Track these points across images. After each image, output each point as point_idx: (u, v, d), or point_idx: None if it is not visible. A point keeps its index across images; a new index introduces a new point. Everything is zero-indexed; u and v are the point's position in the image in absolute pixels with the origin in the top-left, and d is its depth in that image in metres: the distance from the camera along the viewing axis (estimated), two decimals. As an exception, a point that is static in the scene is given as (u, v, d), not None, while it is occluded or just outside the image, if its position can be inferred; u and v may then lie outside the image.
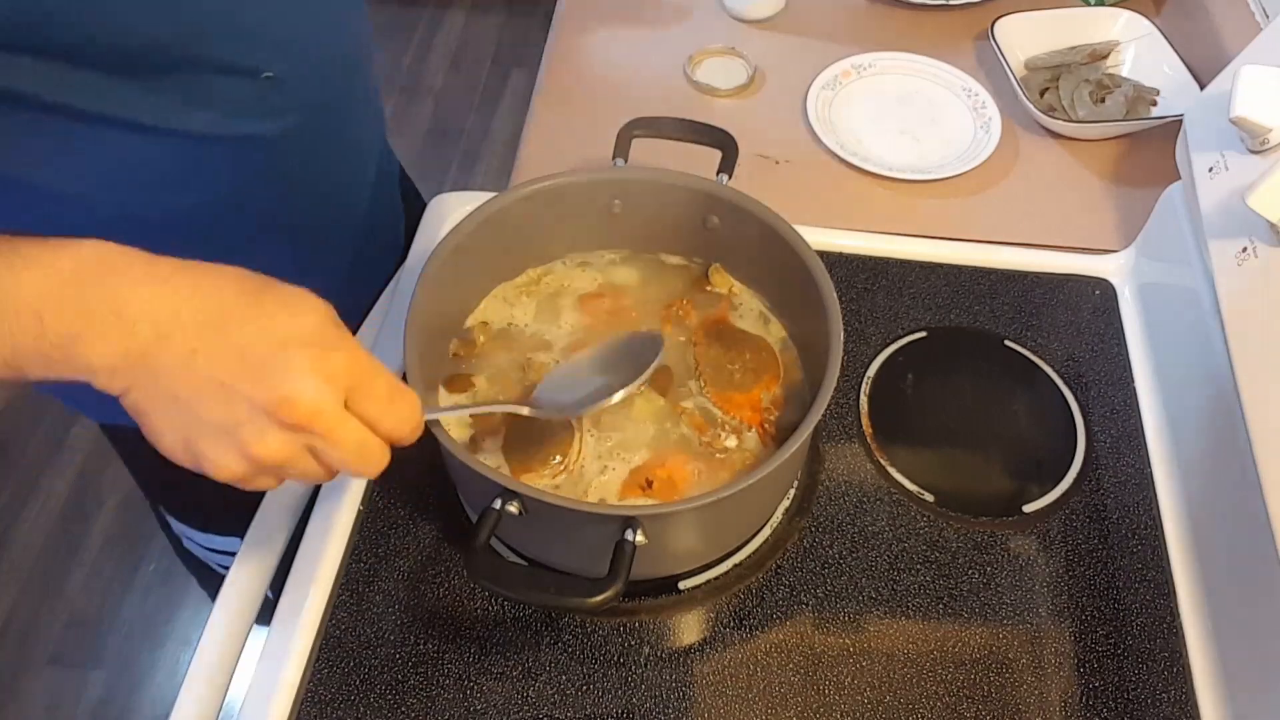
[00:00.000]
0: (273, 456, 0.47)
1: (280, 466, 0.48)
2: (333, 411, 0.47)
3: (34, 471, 1.81)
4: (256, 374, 0.46)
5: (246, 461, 0.47)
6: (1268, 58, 0.65)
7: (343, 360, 0.48)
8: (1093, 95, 0.96)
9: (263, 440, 0.46)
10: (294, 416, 0.46)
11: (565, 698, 0.60)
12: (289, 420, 0.46)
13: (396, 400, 0.51)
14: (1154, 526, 0.69)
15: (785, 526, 0.68)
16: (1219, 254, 0.64)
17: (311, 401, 0.46)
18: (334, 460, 0.49)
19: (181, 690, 0.61)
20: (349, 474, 0.51)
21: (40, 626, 1.63)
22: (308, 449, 0.48)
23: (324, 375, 0.47)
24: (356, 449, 0.49)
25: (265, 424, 0.46)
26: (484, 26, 2.67)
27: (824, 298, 0.63)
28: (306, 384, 0.46)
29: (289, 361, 0.46)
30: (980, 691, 0.61)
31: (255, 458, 0.47)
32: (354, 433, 0.49)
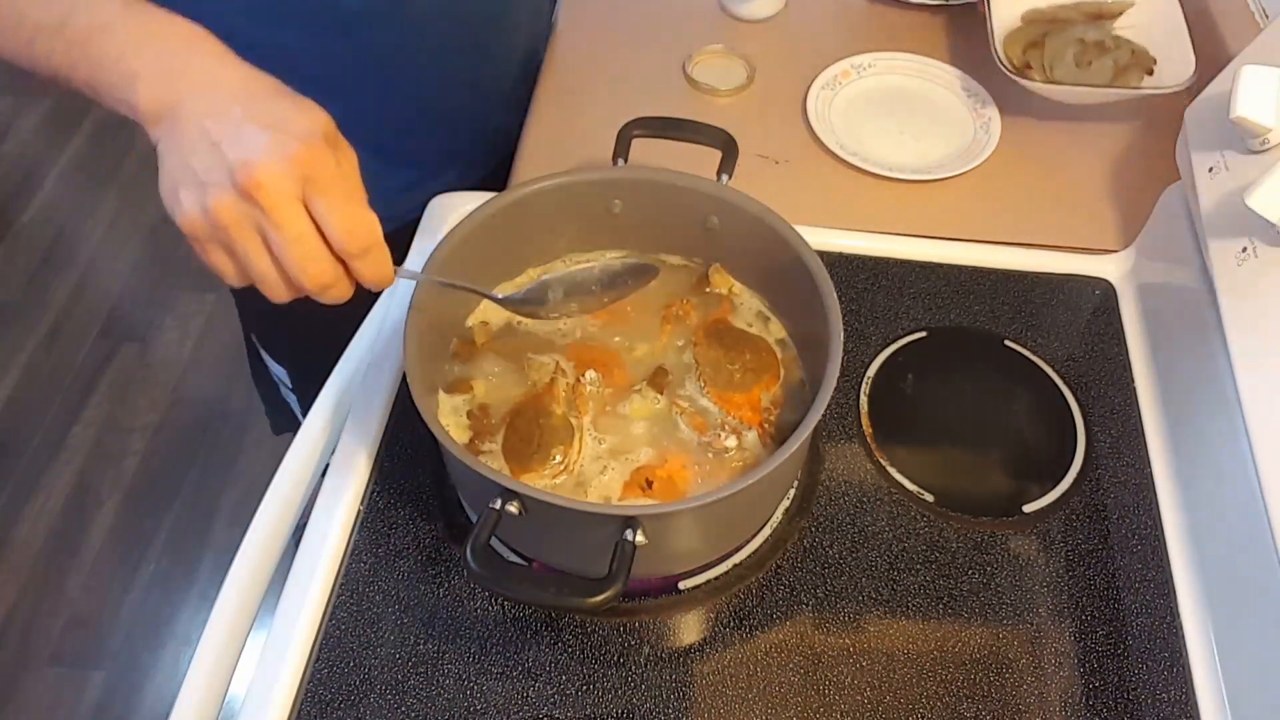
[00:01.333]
0: (223, 214, 0.50)
1: (227, 230, 0.51)
2: (281, 190, 0.50)
3: (34, 471, 1.81)
4: (237, 139, 0.50)
5: (202, 213, 0.51)
6: (1268, 58, 0.65)
7: (312, 155, 0.51)
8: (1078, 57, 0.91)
9: (220, 195, 0.50)
10: (245, 181, 0.49)
11: (565, 698, 0.60)
12: (241, 184, 0.50)
13: (350, 208, 0.53)
14: (1154, 526, 0.69)
15: (785, 526, 0.68)
16: (1219, 254, 0.64)
17: (265, 172, 0.50)
18: (276, 248, 0.51)
19: (181, 690, 0.61)
20: (294, 277, 0.52)
21: (40, 626, 1.63)
22: (256, 227, 0.51)
23: (287, 156, 0.50)
24: (296, 239, 0.51)
25: (226, 184, 0.50)
26: (484, 26, 2.67)
27: (824, 298, 0.63)
28: (264, 157, 0.50)
29: (267, 138, 0.51)
30: (980, 691, 0.61)
31: (209, 210, 0.50)
32: (297, 221, 0.51)
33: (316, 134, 0.52)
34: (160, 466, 1.82)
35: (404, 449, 0.71)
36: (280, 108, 0.53)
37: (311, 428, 0.72)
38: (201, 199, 0.51)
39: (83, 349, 1.98)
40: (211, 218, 0.51)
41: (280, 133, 0.51)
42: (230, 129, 0.51)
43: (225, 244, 0.52)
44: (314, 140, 0.52)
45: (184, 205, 0.51)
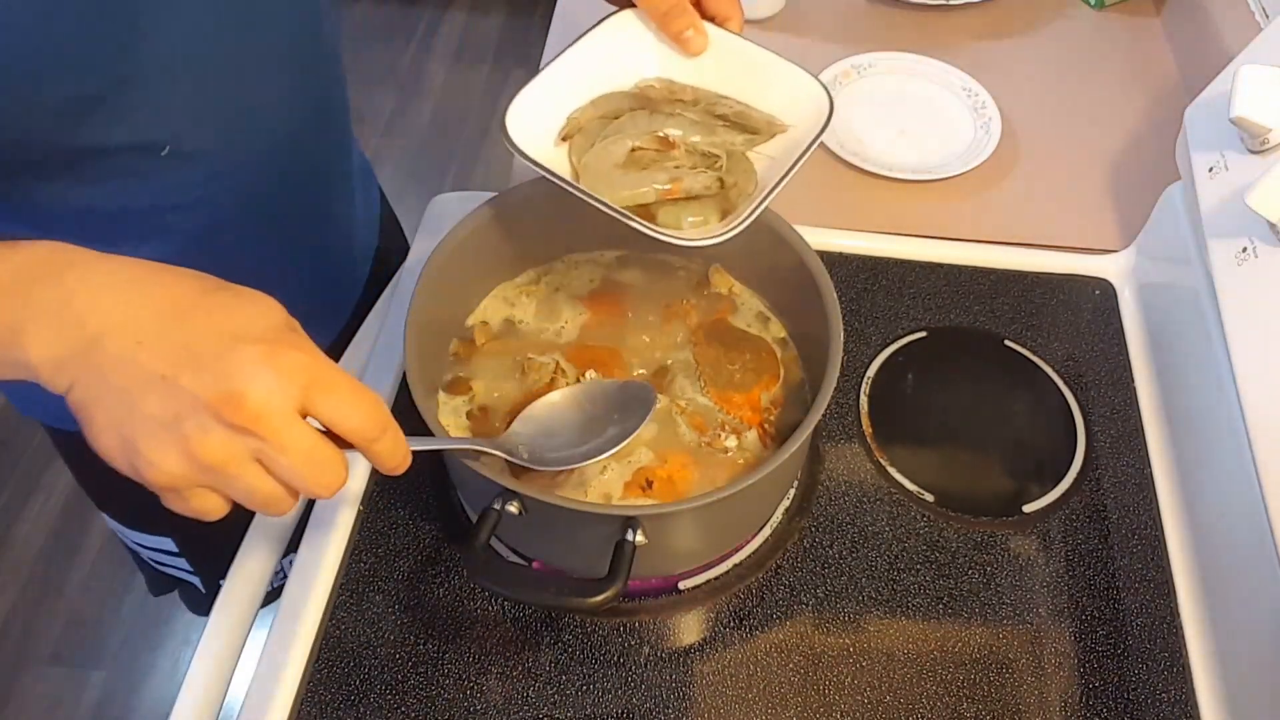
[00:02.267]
0: (213, 455, 0.43)
1: (221, 470, 0.44)
2: (281, 411, 0.43)
3: (34, 471, 1.81)
4: (202, 367, 0.43)
5: (185, 460, 0.43)
6: (1268, 58, 0.65)
7: (299, 358, 0.44)
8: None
9: (205, 438, 0.42)
10: (239, 415, 0.42)
11: (565, 698, 0.60)
12: (233, 419, 0.42)
13: (360, 397, 0.47)
14: (1154, 526, 0.69)
15: (785, 526, 0.68)
16: (1219, 254, 0.64)
17: (260, 398, 0.42)
18: (282, 470, 0.45)
19: (181, 690, 0.61)
20: (303, 490, 0.46)
21: (40, 626, 1.63)
22: (253, 456, 0.44)
23: (276, 370, 0.43)
24: (306, 456, 0.44)
25: (208, 421, 0.42)
26: (484, 26, 2.67)
27: (824, 298, 0.63)
28: (256, 379, 0.43)
29: (238, 355, 0.43)
30: (980, 691, 0.61)
31: (195, 455, 0.43)
32: (304, 438, 0.44)
33: (285, 328, 0.45)
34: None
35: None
36: (227, 309, 0.45)
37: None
38: (178, 444, 0.43)
39: (83, 349, 1.98)
40: (199, 462, 0.43)
41: (253, 343, 0.43)
42: (182, 356, 0.43)
43: (217, 485, 0.45)
44: (292, 337, 0.45)
45: (149, 455, 0.43)
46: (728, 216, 0.61)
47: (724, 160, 0.62)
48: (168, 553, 0.96)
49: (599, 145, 0.63)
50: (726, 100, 0.64)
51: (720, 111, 0.64)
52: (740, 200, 0.61)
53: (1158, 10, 1.09)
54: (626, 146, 0.63)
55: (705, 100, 0.64)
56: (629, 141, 0.63)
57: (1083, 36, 1.07)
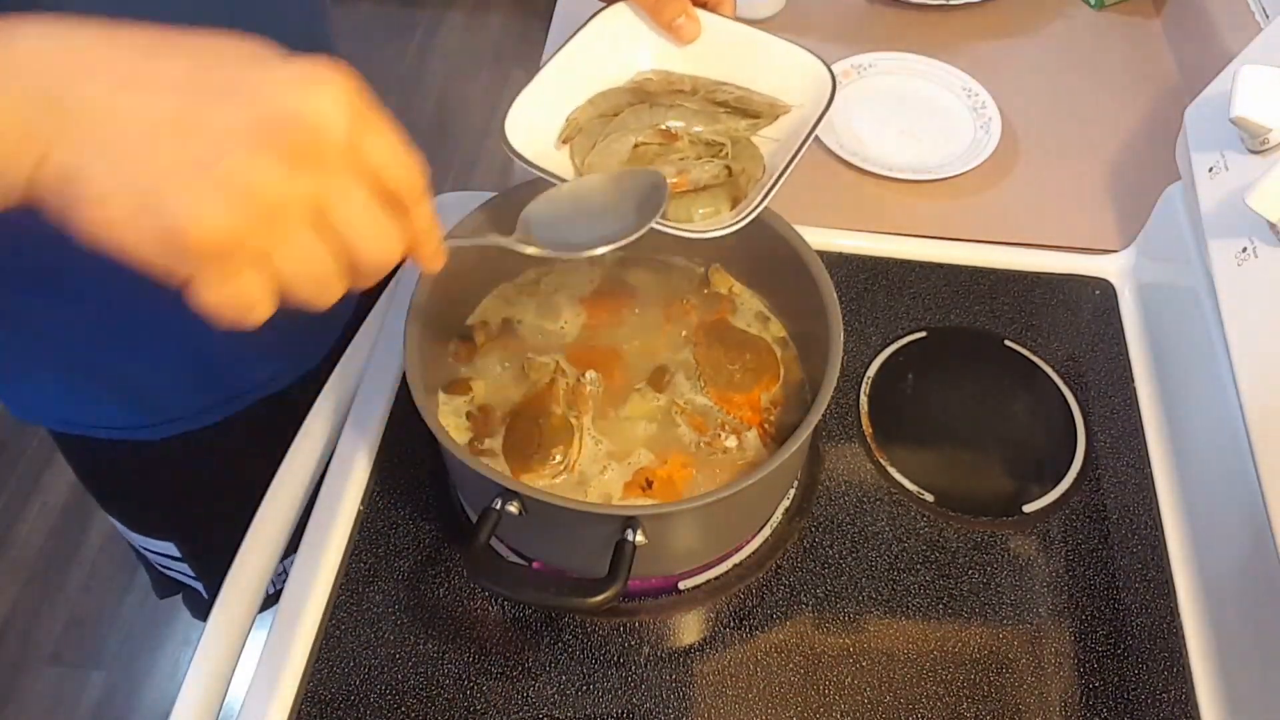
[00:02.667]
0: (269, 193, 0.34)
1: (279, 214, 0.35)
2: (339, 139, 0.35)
3: (34, 471, 1.81)
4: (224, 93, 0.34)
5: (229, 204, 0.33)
6: (1268, 58, 0.65)
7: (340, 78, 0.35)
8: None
9: (252, 166, 0.33)
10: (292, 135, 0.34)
11: (565, 698, 0.60)
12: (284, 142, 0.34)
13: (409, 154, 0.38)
14: (1154, 526, 0.69)
15: (785, 526, 0.68)
16: (1219, 254, 0.64)
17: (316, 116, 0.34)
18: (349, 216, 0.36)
19: (181, 690, 0.61)
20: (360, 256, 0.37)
21: (40, 626, 1.63)
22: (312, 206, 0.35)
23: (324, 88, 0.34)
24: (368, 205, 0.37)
25: (256, 152, 0.34)
26: (484, 26, 2.67)
27: (824, 298, 0.63)
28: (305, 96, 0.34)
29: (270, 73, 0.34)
30: (980, 691, 0.61)
31: (246, 196, 0.34)
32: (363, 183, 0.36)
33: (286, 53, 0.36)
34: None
35: (404, 449, 0.71)
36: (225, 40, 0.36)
37: (311, 428, 0.72)
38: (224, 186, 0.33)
39: (83, 349, 1.98)
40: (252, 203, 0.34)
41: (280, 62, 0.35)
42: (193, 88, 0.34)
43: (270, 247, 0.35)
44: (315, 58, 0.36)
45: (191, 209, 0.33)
46: (739, 204, 0.60)
47: (729, 148, 0.62)
48: (171, 557, 0.95)
49: (601, 144, 0.62)
50: (726, 86, 0.64)
51: (720, 98, 0.64)
52: (750, 186, 0.60)
53: (1158, 10, 1.09)
54: (629, 143, 0.63)
55: (704, 88, 0.64)
56: (631, 138, 0.63)
57: (1082, 37, 1.07)
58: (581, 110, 0.64)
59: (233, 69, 0.35)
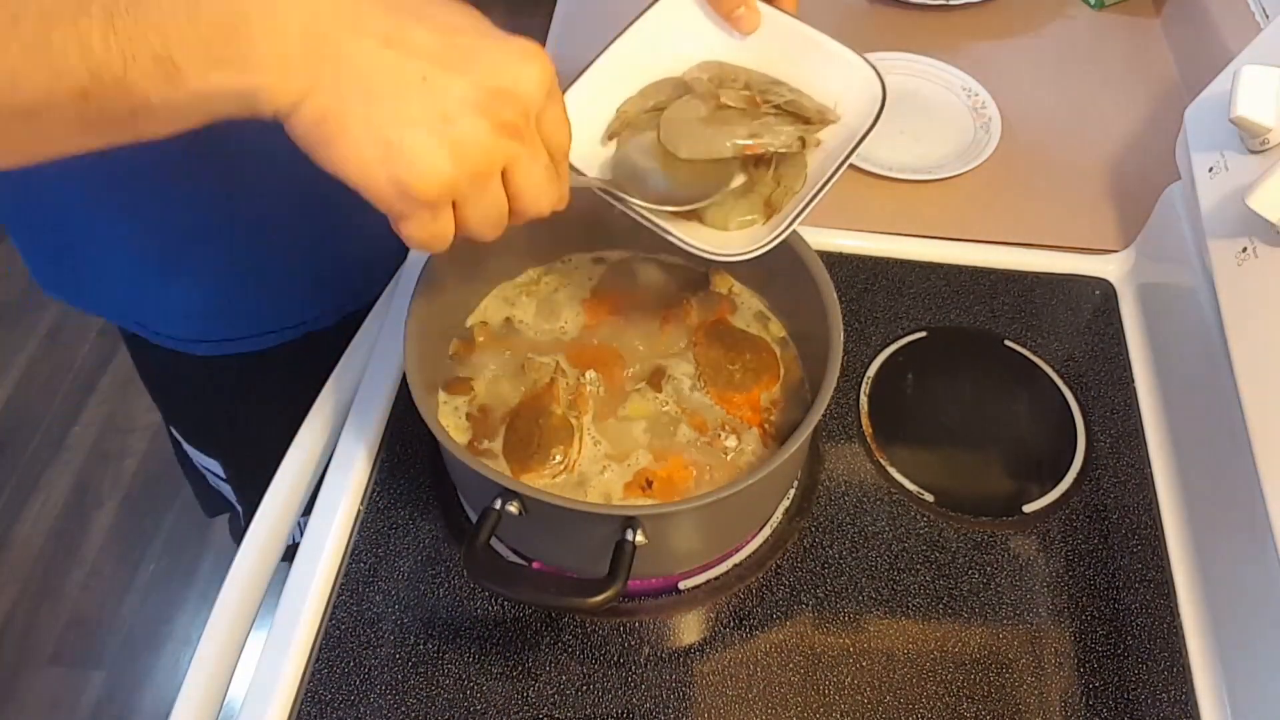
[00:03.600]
0: (483, 157, 0.42)
1: (485, 176, 0.43)
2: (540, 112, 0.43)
3: (34, 471, 1.81)
4: (465, 63, 0.41)
5: (458, 163, 0.41)
6: (1268, 58, 0.65)
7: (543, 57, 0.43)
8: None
9: (476, 137, 0.41)
10: (510, 109, 0.41)
11: (565, 698, 0.60)
12: (504, 114, 0.41)
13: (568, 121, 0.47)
14: (1154, 526, 0.69)
15: (785, 526, 0.68)
16: (1219, 254, 0.64)
17: (531, 95, 0.42)
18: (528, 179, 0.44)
19: (181, 690, 0.61)
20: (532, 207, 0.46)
21: (40, 626, 1.63)
22: (506, 163, 0.43)
23: (538, 66, 0.43)
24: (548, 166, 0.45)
25: (477, 119, 0.41)
26: (484, 26, 2.67)
27: (824, 298, 0.63)
28: (524, 73, 0.42)
29: (500, 51, 0.42)
30: (980, 691, 0.61)
31: (468, 158, 0.41)
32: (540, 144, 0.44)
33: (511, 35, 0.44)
34: (160, 466, 1.82)
35: (404, 449, 0.71)
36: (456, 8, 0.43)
37: (312, 428, 0.72)
38: (454, 149, 0.41)
39: (83, 349, 1.98)
40: (471, 167, 0.42)
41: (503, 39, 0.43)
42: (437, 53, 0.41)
43: (468, 198, 0.43)
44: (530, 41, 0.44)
45: (426, 163, 0.41)
46: (773, 218, 0.60)
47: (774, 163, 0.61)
48: (218, 476, 1.00)
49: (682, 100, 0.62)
50: (779, 87, 0.63)
51: (773, 99, 0.62)
52: (786, 200, 0.60)
53: (1157, 10, 1.09)
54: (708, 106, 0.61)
55: (758, 85, 0.63)
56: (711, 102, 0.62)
57: (1082, 37, 1.07)
58: (632, 101, 0.63)
59: (470, 39, 0.42)
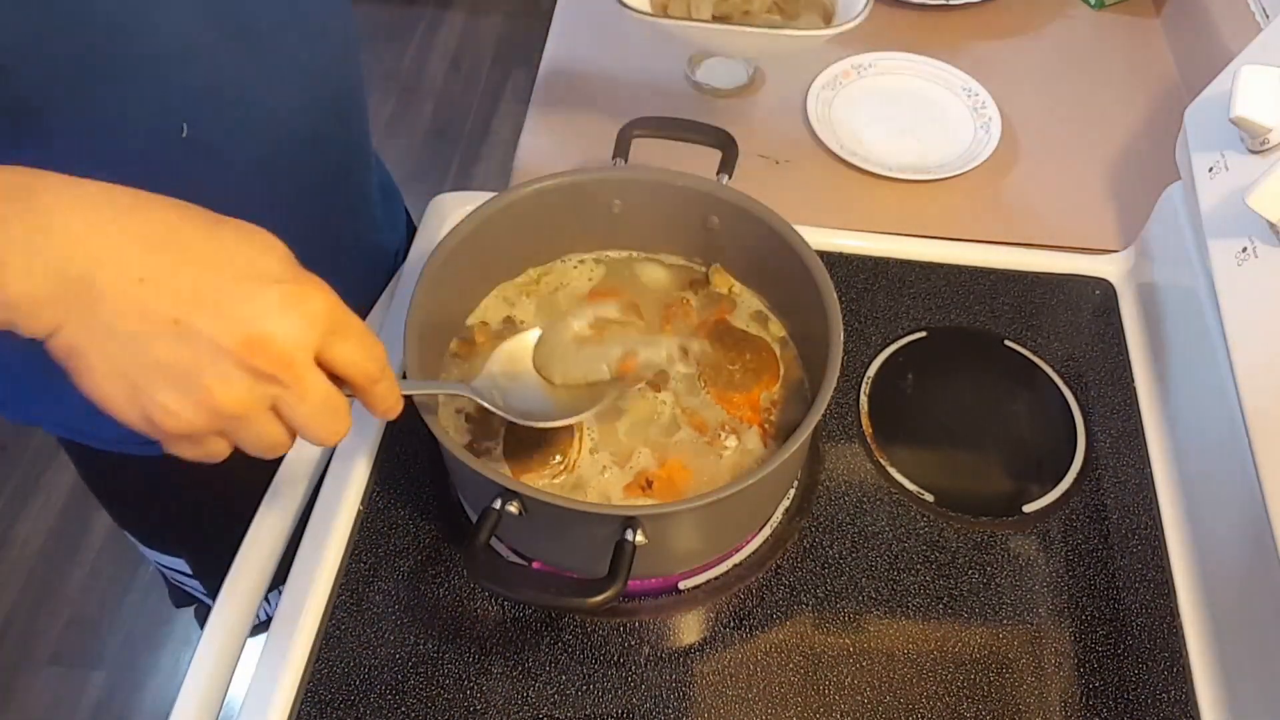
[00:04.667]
0: (235, 405, 0.41)
1: (239, 419, 0.42)
2: (305, 358, 0.42)
3: (34, 471, 1.81)
4: (219, 310, 0.40)
5: (204, 412, 0.41)
6: (1268, 58, 0.65)
7: (322, 301, 0.43)
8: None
9: (227, 387, 0.41)
10: (265, 360, 0.41)
11: (565, 698, 0.60)
12: (257, 364, 0.41)
13: (370, 341, 0.46)
14: (1154, 526, 0.69)
15: (785, 526, 0.68)
16: (1219, 254, 0.64)
17: (288, 343, 0.41)
18: (298, 417, 0.44)
19: (181, 690, 0.61)
20: (313, 437, 0.45)
21: (40, 626, 1.63)
22: (270, 404, 0.43)
23: (300, 314, 0.42)
24: (323, 404, 0.44)
25: (229, 369, 0.41)
26: (484, 26, 2.67)
27: (824, 298, 0.63)
28: (282, 322, 0.41)
29: (260, 297, 0.41)
30: (980, 691, 0.61)
31: (216, 407, 0.41)
32: (321, 385, 0.44)
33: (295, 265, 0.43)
34: (160, 466, 1.82)
35: (404, 449, 0.71)
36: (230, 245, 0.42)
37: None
38: (200, 396, 0.41)
39: (83, 349, 1.98)
40: (218, 413, 0.41)
41: (273, 284, 0.42)
42: (194, 297, 0.40)
43: (229, 431, 0.43)
44: (308, 276, 0.43)
45: (170, 408, 0.41)
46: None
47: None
48: (183, 573, 0.96)
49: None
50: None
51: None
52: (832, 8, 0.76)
53: (1158, 10, 1.09)
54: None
55: None
56: None
57: (1082, 37, 1.07)
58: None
59: (231, 283, 0.41)
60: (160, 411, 0.41)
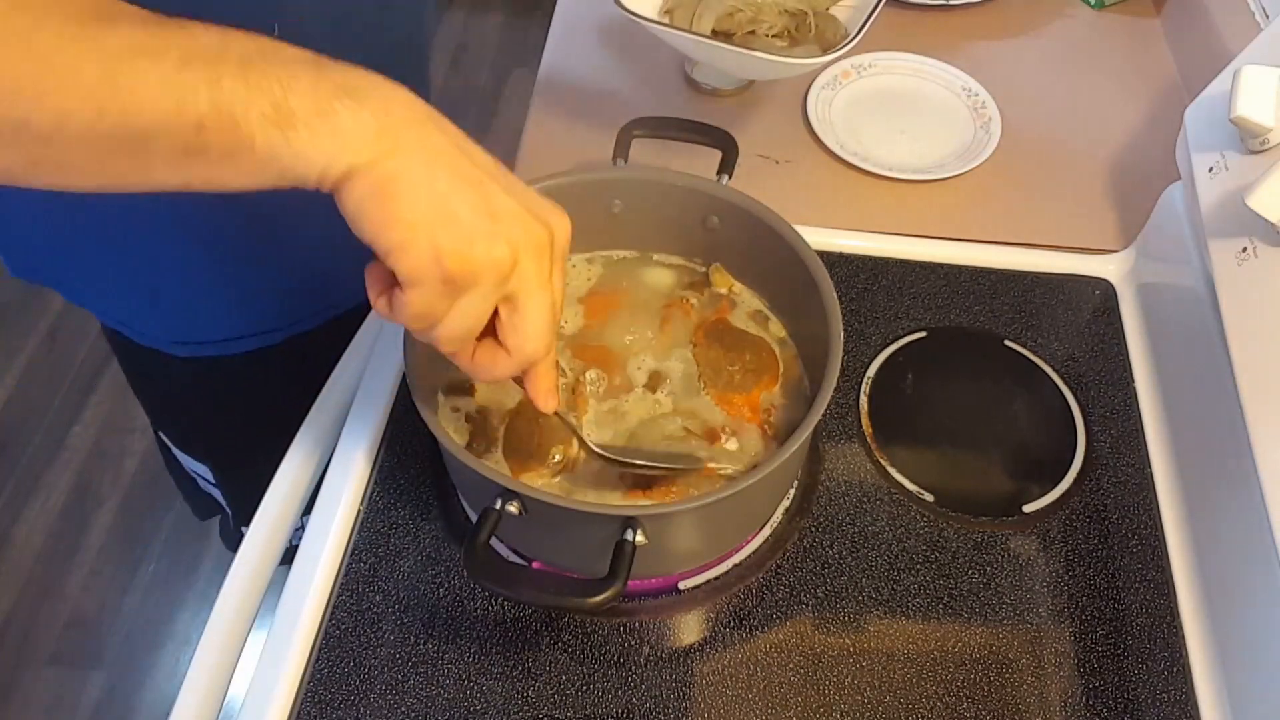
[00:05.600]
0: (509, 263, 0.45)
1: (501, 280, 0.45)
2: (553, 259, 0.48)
3: (34, 471, 1.81)
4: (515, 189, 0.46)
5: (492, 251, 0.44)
6: (1268, 58, 0.65)
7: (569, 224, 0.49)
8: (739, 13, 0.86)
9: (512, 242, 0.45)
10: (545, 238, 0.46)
11: (565, 698, 0.60)
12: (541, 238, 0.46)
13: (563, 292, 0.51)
14: (1154, 526, 0.69)
15: (785, 526, 0.68)
16: (1219, 254, 0.64)
17: (563, 239, 0.48)
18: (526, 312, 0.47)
19: (181, 690, 0.61)
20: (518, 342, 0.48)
21: (40, 626, 1.63)
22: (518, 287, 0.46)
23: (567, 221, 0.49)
24: (552, 305, 0.48)
25: (521, 229, 0.45)
26: (484, 26, 2.67)
27: (824, 298, 0.63)
28: (562, 220, 0.48)
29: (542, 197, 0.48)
30: (980, 691, 0.61)
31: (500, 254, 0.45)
32: (552, 296, 0.48)
33: None
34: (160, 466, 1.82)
35: (404, 449, 0.71)
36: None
37: (310, 429, 0.72)
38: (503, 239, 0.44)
39: (83, 349, 1.98)
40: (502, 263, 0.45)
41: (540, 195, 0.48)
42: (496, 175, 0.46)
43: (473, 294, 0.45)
44: None
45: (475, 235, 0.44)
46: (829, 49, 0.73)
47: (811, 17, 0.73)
48: (207, 480, 1.01)
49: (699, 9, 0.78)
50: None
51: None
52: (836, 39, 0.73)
53: (1158, 10, 1.09)
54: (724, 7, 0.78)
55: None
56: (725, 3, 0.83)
57: (1082, 37, 1.07)
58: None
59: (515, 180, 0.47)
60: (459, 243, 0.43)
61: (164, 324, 0.83)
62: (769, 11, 0.75)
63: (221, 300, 0.82)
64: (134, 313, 0.83)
